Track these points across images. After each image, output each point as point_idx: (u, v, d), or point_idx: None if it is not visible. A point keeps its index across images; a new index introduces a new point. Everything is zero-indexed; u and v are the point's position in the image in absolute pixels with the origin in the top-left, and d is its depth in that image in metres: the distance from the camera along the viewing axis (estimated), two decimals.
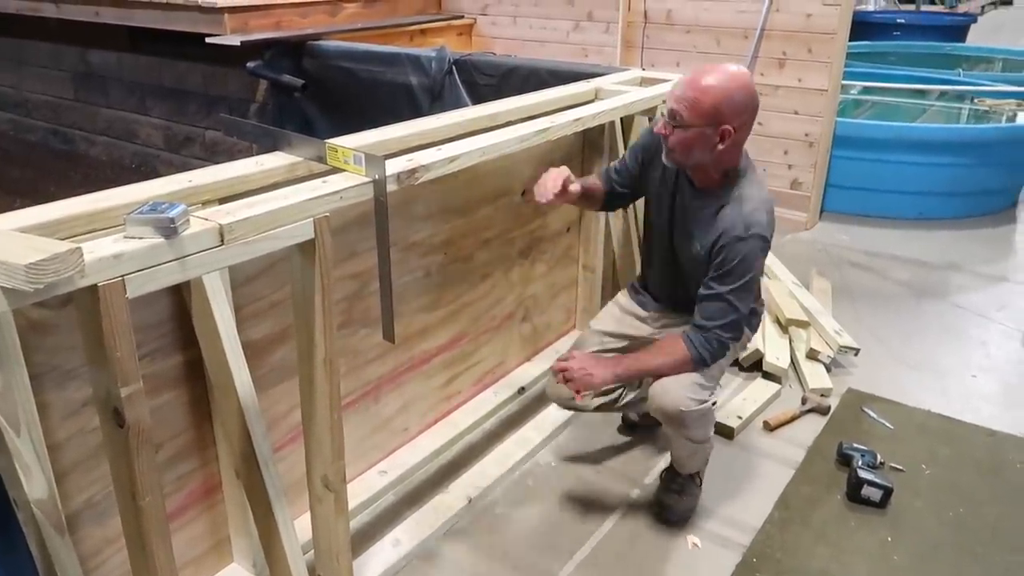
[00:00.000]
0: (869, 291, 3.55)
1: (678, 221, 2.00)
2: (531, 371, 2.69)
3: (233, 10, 4.06)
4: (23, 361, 1.18)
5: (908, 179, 4.39)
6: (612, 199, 2.22)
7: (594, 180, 2.19)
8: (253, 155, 1.70)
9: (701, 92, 1.75)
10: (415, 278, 2.16)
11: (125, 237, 1.20)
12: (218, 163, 4.83)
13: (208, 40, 4.04)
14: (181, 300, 1.56)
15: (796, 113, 4.10)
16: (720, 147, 1.79)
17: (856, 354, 2.88)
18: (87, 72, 5.72)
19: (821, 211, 4.41)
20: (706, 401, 1.91)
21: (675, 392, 1.88)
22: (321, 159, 1.63)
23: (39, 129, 6.38)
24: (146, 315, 1.52)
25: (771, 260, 3.47)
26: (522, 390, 2.60)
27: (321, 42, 4.14)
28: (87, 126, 5.89)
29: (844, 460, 2.31)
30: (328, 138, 1.68)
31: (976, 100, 5.52)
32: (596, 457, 2.40)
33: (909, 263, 3.86)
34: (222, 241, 1.27)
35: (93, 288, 1.13)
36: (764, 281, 3.34)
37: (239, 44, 3.88)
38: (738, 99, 1.77)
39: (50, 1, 5.06)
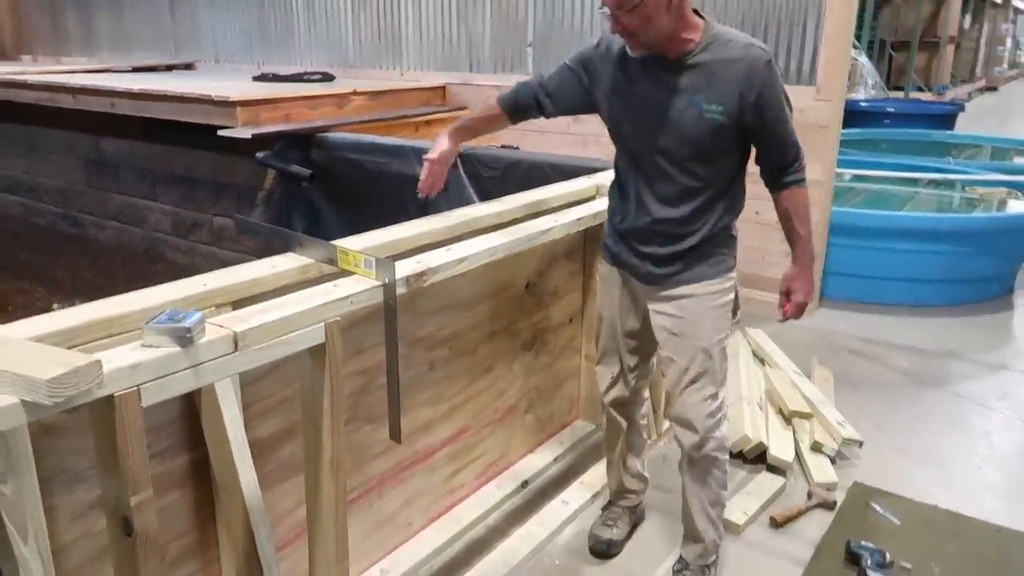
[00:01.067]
0: (870, 379, 3.55)
1: (663, 102, 1.83)
2: (535, 463, 2.67)
3: (245, 104, 4.20)
4: (35, 469, 1.19)
5: (904, 266, 4.45)
6: (525, 114, 2.13)
7: (480, 117, 2.18)
8: (260, 244, 1.75)
9: None
10: (420, 372, 2.18)
11: (142, 345, 1.23)
12: (224, 249, 4.91)
13: (220, 133, 4.17)
14: (191, 400, 1.58)
15: None
16: (674, 2, 1.73)
17: (860, 446, 2.88)
18: (100, 159, 5.87)
19: (820, 298, 4.46)
20: (718, 404, 2.01)
21: (691, 408, 2.00)
22: (332, 261, 1.68)
23: (49, 213, 6.50)
24: (156, 416, 1.53)
25: (771, 348, 3.49)
26: (525, 483, 2.59)
27: (329, 134, 4.27)
28: (97, 211, 6.01)
29: (853, 559, 2.28)
30: (334, 226, 1.75)
31: (967, 188, 5.65)
32: None
33: (908, 351, 3.88)
34: (236, 348, 1.30)
35: (109, 398, 1.16)
36: (766, 370, 3.36)
37: (250, 137, 4.01)
38: None
39: (67, 92, 5.24)
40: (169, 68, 7.07)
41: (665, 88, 1.82)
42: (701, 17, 1.82)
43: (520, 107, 2.11)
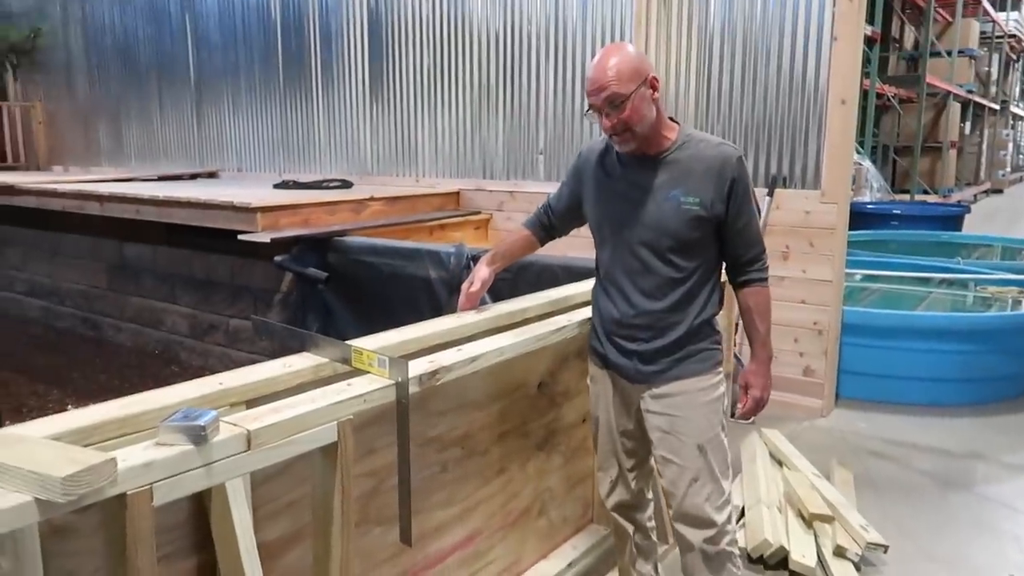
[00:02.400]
0: (892, 482, 3.47)
1: (644, 196, 1.95)
2: (548, 570, 2.59)
3: (265, 209, 4.34)
4: (42, 571, 1.18)
5: (920, 366, 4.42)
6: (553, 231, 2.29)
7: (513, 244, 2.32)
8: (274, 346, 1.77)
9: (619, 63, 1.85)
10: (432, 474, 2.15)
11: (157, 444, 1.24)
12: (239, 350, 4.95)
13: (240, 237, 4.28)
14: (200, 501, 1.57)
15: (803, 302, 4.22)
16: (655, 96, 1.90)
17: (885, 551, 2.78)
18: (122, 264, 6.02)
19: (836, 398, 4.41)
20: (724, 499, 2.01)
21: (697, 506, 1.98)
22: (346, 361, 1.70)
23: (69, 316, 6.62)
24: (165, 517, 1.51)
25: (789, 450, 3.43)
26: None
27: (346, 238, 4.38)
28: (116, 314, 6.11)
29: None
30: (348, 328, 1.77)
31: (980, 288, 5.66)
32: None
33: (930, 452, 3.80)
34: (248, 447, 1.31)
35: (121, 496, 1.16)
36: (784, 472, 3.29)
37: (269, 241, 4.11)
38: (639, 53, 1.93)
39: (95, 200, 5.43)
40: (194, 176, 7.34)
41: (645, 183, 1.94)
42: (675, 121, 1.99)
43: (542, 227, 2.27)
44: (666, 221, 1.91)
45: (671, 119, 1.99)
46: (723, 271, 2.07)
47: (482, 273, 2.22)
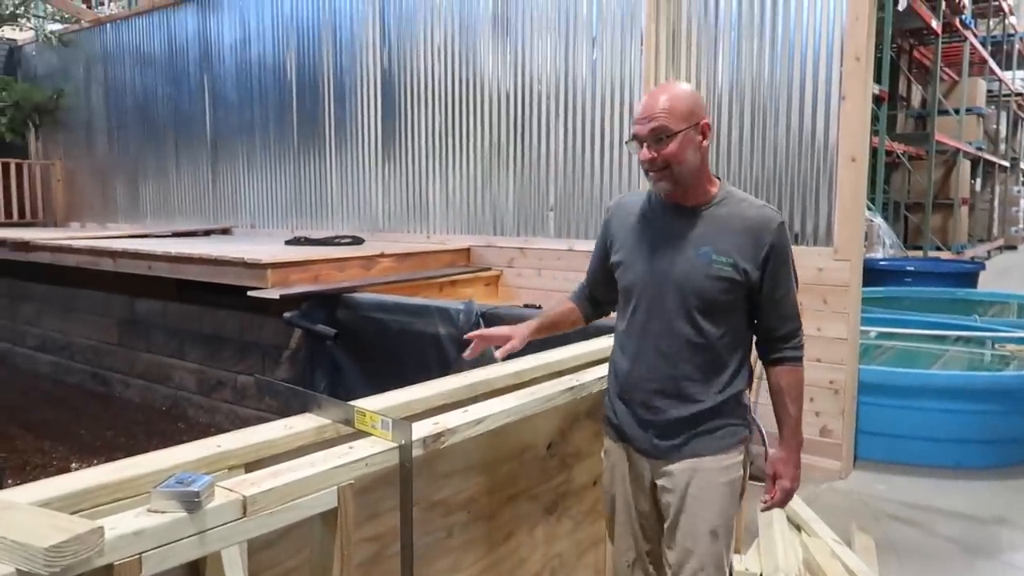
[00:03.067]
0: (915, 548, 3.34)
1: (674, 249, 1.83)
2: None
3: (276, 266, 4.35)
4: None
5: (941, 426, 4.31)
6: (597, 305, 2.15)
7: (558, 315, 2.15)
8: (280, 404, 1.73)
9: (673, 98, 1.76)
10: (436, 539, 2.08)
11: (149, 510, 1.20)
12: (246, 407, 4.91)
13: (250, 293, 4.28)
14: (194, 570, 1.51)
15: (819, 361, 4.14)
16: (704, 144, 1.79)
17: None
18: (133, 319, 6.03)
19: (854, 459, 4.29)
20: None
21: None
22: (349, 422, 1.66)
23: (79, 372, 6.61)
24: None
25: (808, 514, 3.32)
26: None
27: (355, 294, 4.37)
28: (125, 369, 6.10)
29: None
30: (355, 384, 1.73)
31: (997, 345, 5.56)
32: None
33: (954, 516, 3.67)
34: (244, 513, 1.26)
35: (108, 567, 1.11)
36: (802, 537, 3.18)
37: (278, 298, 4.11)
38: (699, 96, 1.84)
39: (109, 256, 5.47)
40: (207, 233, 7.42)
41: (677, 235, 1.82)
42: (717, 178, 1.90)
43: (586, 298, 2.14)
44: (694, 278, 1.78)
45: (715, 176, 1.90)
46: (752, 344, 1.94)
47: (520, 332, 2.02)
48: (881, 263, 9.32)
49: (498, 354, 1.97)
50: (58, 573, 1.01)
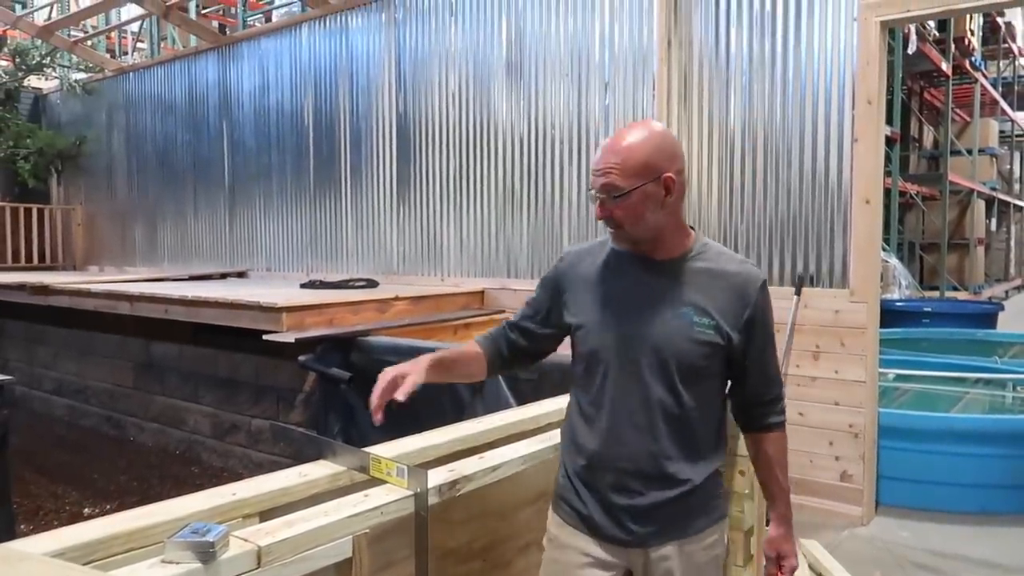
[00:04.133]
0: None
1: (648, 308, 1.60)
2: None
3: (291, 309, 4.36)
4: None
5: (966, 471, 4.22)
6: (514, 358, 1.82)
7: (464, 353, 1.81)
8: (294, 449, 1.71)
9: (629, 150, 1.56)
10: None
11: (163, 561, 1.18)
12: (260, 451, 4.87)
13: (265, 337, 4.30)
14: None
15: (837, 404, 4.09)
16: (670, 199, 1.58)
17: None
18: (148, 362, 6.05)
19: (876, 505, 4.21)
20: None
21: None
22: (364, 469, 1.65)
23: (94, 415, 6.62)
24: None
25: (830, 563, 3.25)
26: None
27: (369, 338, 4.37)
28: (140, 413, 6.10)
29: None
30: (369, 428, 1.67)
31: (1020, 388, 5.47)
32: None
33: (981, 565, 3.57)
34: (259, 564, 1.25)
35: None
36: None
37: (293, 341, 4.12)
38: (666, 143, 1.61)
39: (126, 300, 5.52)
40: (223, 276, 7.48)
41: (649, 293, 1.61)
42: (691, 228, 1.71)
43: (499, 347, 1.81)
44: (674, 342, 1.57)
45: (690, 227, 1.70)
46: (726, 412, 1.75)
47: (419, 366, 1.71)
48: (898, 304, 9.24)
49: (399, 396, 1.66)
50: None
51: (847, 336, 4.07)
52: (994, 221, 17.59)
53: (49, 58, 9.63)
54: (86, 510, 4.62)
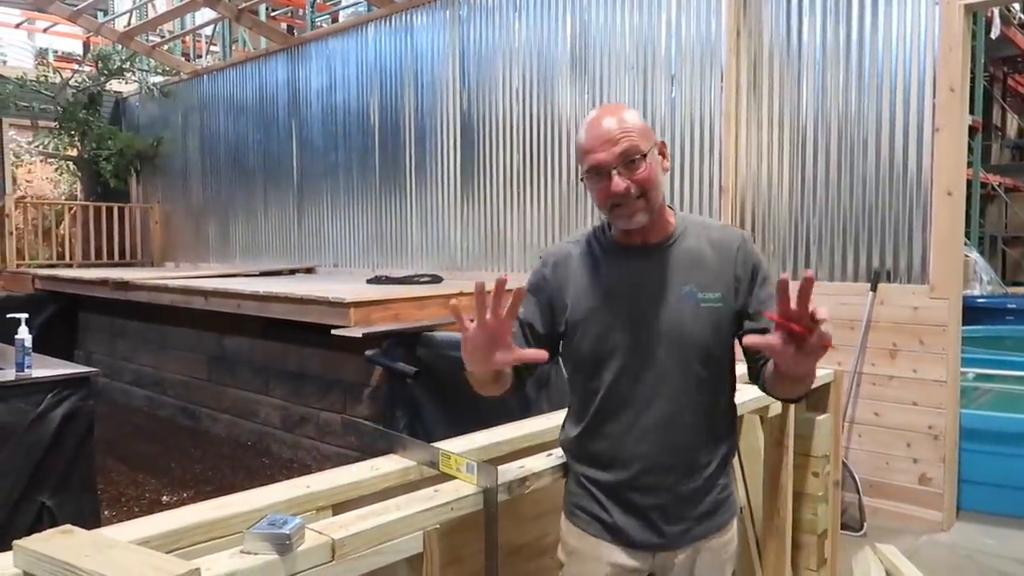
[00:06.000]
0: None
1: (652, 296, 1.54)
2: None
3: (358, 304, 4.43)
4: None
5: None
6: (523, 377, 1.63)
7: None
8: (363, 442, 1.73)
9: (631, 116, 1.51)
10: None
11: (242, 552, 1.21)
12: (328, 443, 4.98)
13: (333, 332, 4.37)
14: None
15: (915, 404, 3.94)
16: (666, 168, 1.56)
17: None
18: (221, 355, 6.24)
19: (957, 510, 4.03)
20: None
21: None
22: (433, 464, 1.65)
23: (171, 406, 6.86)
24: None
25: (909, 569, 3.13)
26: None
27: (435, 333, 4.40)
28: (213, 404, 6.30)
29: None
30: (435, 423, 1.70)
31: None
32: None
33: None
34: (333, 556, 1.26)
35: None
36: None
37: (360, 336, 4.18)
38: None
39: (200, 295, 5.70)
40: (292, 272, 7.65)
41: (649, 281, 1.55)
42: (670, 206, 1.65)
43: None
44: (685, 325, 1.52)
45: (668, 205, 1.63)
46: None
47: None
48: (979, 300, 8.84)
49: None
50: None
51: (926, 334, 3.91)
52: None
53: (129, 62, 10.01)
54: (164, 498, 4.79)
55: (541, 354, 1.42)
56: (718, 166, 4.66)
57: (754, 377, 1.62)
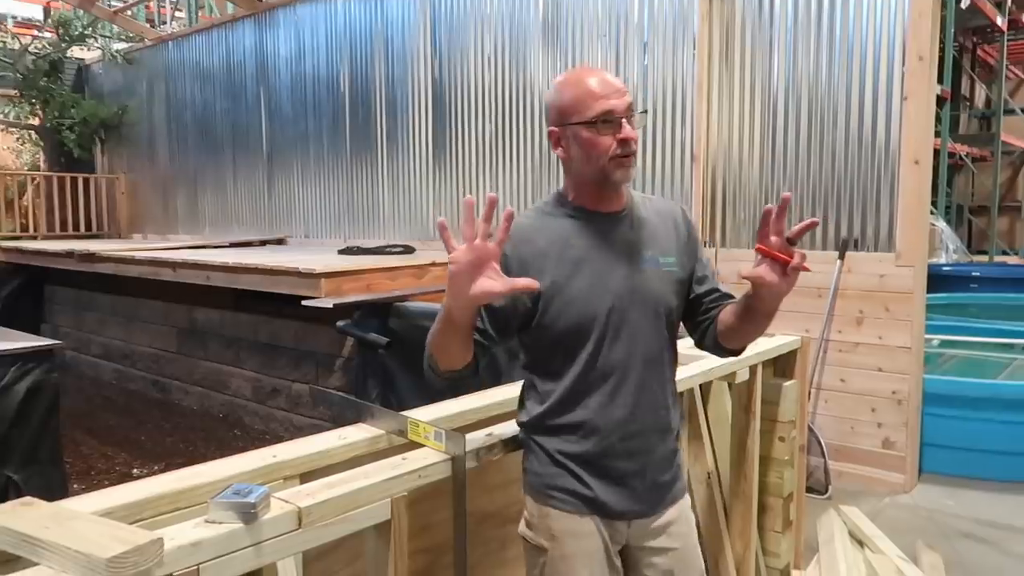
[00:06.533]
0: (987, 568, 3.20)
1: (620, 261, 1.54)
2: None
3: (329, 275, 4.40)
4: None
5: (1013, 439, 4.13)
6: (485, 355, 1.58)
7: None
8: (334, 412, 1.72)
9: (615, 76, 1.55)
10: (488, 551, 2.06)
11: (206, 521, 1.20)
12: (300, 415, 4.96)
13: (304, 303, 4.34)
14: None
15: (880, 370, 4.01)
16: None
17: None
18: (192, 328, 6.17)
19: (919, 472, 4.14)
20: None
21: None
22: (402, 433, 1.66)
23: (140, 379, 6.80)
24: None
25: (872, 530, 3.21)
26: None
27: (407, 303, 4.39)
28: (184, 376, 6.25)
29: None
30: (407, 393, 1.70)
31: None
32: None
33: None
34: (300, 525, 1.26)
35: None
36: (866, 554, 3.07)
37: (331, 307, 4.16)
38: None
39: (169, 267, 5.62)
40: (263, 243, 7.57)
41: (617, 247, 1.55)
42: None
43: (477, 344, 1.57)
44: (653, 288, 1.55)
45: None
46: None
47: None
48: (944, 268, 9.00)
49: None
50: None
51: (892, 301, 3.98)
52: None
53: (91, 28, 9.73)
54: (135, 470, 4.76)
55: (533, 283, 1.35)
56: (690, 134, 4.67)
57: (699, 337, 1.68)
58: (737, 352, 1.69)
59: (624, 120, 1.48)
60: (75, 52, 10.27)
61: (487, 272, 1.33)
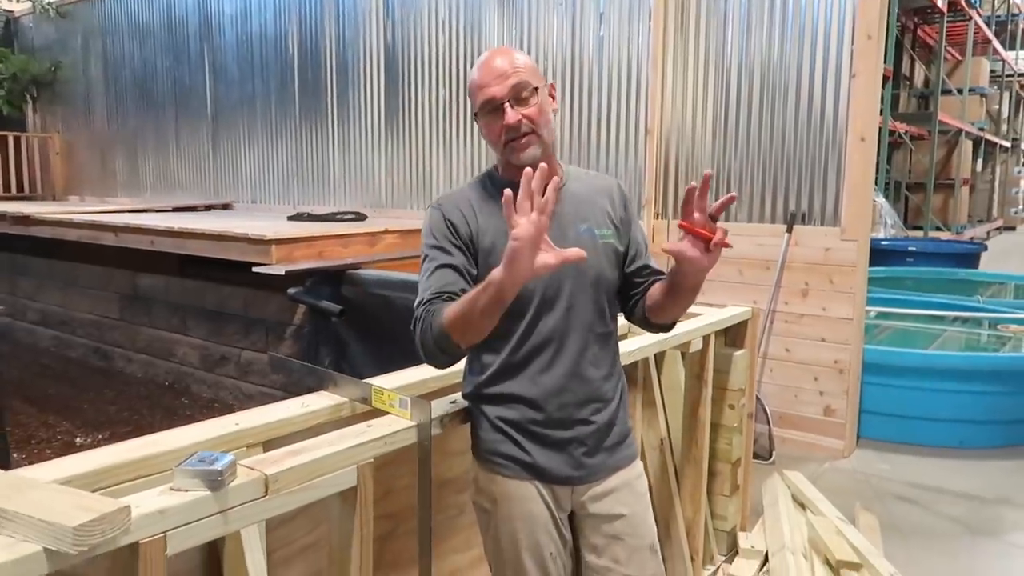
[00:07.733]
0: (919, 528, 3.37)
1: (559, 235, 1.51)
2: None
3: (280, 242, 4.32)
4: None
5: (946, 407, 4.33)
6: None
7: None
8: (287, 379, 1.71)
9: (517, 56, 1.57)
10: (448, 517, 2.08)
11: (171, 489, 1.19)
12: (250, 383, 4.89)
13: (255, 269, 4.26)
14: (213, 547, 1.51)
15: (823, 340, 4.15)
16: (555, 106, 1.63)
17: None
18: (135, 294, 6.01)
19: (858, 439, 4.31)
20: None
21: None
22: (366, 400, 1.65)
23: (81, 346, 6.60)
24: (177, 565, 1.45)
25: (813, 494, 3.34)
26: None
27: (360, 271, 4.35)
28: (127, 344, 6.09)
29: None
30: (361, 361, 1.70)
31: (1000, 326, 5.57)
32: None
33: (958, 497, 3.69)
34: (266, 492, 1.26)
35: (133, 545, 1.10)
36: (808, 516, 3.20)
37: (283, 274, 4.09)
38: None
39: (110, 231, 5.44)
40: (208, 208, 7.37)
41: (552, 220, 1.42)
42: None
43: None
44: (589, 258, 1.49)
45: None
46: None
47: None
48: (883, 243, 9.32)
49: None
50: (85, 551, 1.00)
51: (836, 274, 4.10)
52: (980, 162, 17.62)
53: None
54: (78, 439, 4.64)
55: (581, 253, 1.35)
56: (644, 108, 4.69)
57: (629, 312, 1.71)
58: (666, 328, 1.72)
59: (507, 104, 1.52)
60: (3, 3, 9.75)
61: (540, 246, 1.32)
